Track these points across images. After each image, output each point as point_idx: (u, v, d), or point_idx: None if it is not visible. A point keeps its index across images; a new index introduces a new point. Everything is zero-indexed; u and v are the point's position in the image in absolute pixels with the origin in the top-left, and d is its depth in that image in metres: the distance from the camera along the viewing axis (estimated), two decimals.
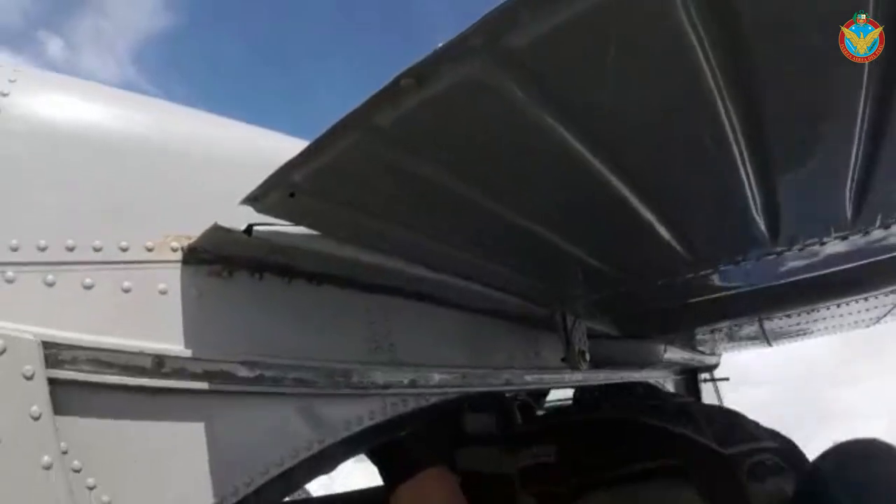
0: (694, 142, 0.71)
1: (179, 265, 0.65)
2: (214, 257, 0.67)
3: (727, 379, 3.73)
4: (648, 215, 0.88)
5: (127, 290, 0.63)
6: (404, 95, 0.51)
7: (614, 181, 0.74)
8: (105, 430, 0.62)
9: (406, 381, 0.85)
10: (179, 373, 0.64)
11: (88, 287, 0.62)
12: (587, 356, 1.39)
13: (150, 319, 0.63)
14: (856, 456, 1.56)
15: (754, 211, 0.95)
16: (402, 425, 0.88)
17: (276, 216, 0.64)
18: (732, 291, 1.67)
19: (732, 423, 1.87)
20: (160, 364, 0.63)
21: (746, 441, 1.75)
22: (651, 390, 2.23)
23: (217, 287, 0.68)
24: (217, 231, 0.63)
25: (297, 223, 0.67)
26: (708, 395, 3.74)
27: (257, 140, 0.78)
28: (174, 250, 0.65)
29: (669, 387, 3.17)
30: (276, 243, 0.66)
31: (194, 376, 0.65)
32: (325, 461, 0.78)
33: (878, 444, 1.56)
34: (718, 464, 1.66)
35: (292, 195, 0.59)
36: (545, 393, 3.73)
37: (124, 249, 0.63)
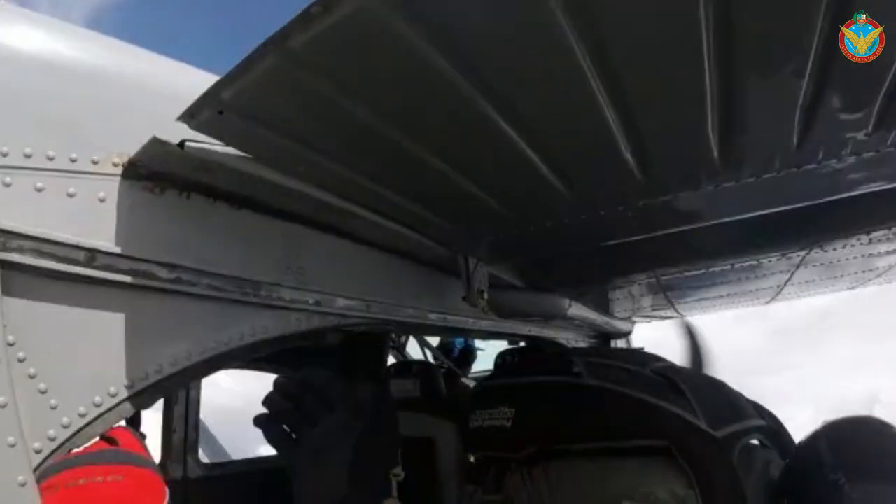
0: (553, 78, 0.77)
1: (118, 178, 0.78)
2: (149, 173, 0.80)
3: (642, 349, 3.68)
4: (530, 152, 0.93)
5: (71, 195, 0.75)
6: (314, 21, 0.60)
7: (494, 114, 0.80)
8: (40, 310, 0.75)
9: (311, 301, 1.01)
10: (108, 267, 0.77)
11: (39, 189, 0.74)
12: (485, 295, 1.51)
13: (88, 221, 0.76)
14: (850, 434, 1.61)
15: (625, 152, 0.98)
16: (304, 340, 1.04)
17: (208, 134, 0.76)
18: (621, 241, 1.66)
19: (722, 398, 1.79)
20: (92, 258, 0.76)
21: (738, 419, 1.69)
22: (614, 352, 2.08)
23: (148, 201, 0.81)
24: (154, 144, 0.76)
25: (226, 143, 0.80)
26: None
27: (193, 73, 0.92)
28: (115, 165, 0.77)
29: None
30: (204, 160, 0.79)
31: (120, 271, 0.78)
32: (229, 361, 0.93)
33: (871, 421, 1.62)
34: (712, 449, 1.59)
35: (221, 112, 0.71)
36: (471, 361, 3.94)
37: (73, 160, 0.75)
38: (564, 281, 2.18)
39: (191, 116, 0.71)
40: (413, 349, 3.78)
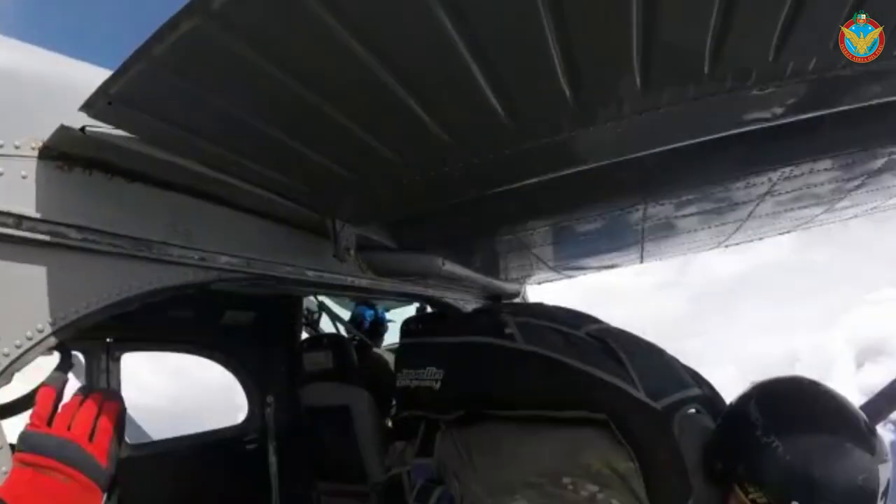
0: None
1: (35, 159, 1.03)
2: (59, 154, 1.05)
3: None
4: (401, 91, 1.02)
5: (1, 174, 1.01)
6: (170, 33, 0.79)
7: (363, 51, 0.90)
8: None
9: (196, 258, 1.28)
10: (32, 229, 1.02)
11: None
12: (351, 252, 1.70)
13: (15, 193, 1.02)
14: (778, 393, 1.64)
15: (490, 96, 1.07)
16: (195, 290, 1.32)
17: (103, 121, 1.01)
18: (496, 190, 1.68)
19: (660, 367, 1.80)
20: (19, 222, 1.01)
21: (676, 389, 1.70)
22: (547, 310, 2.07)
23: (60, 176, 1.07)
24: (61, 131, 1.01)
25: (117, 127, 1.05)
26: None
27: (90, 70, 1.15)
28: (33, 149, 1.02)
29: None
30: (102, 142, 1.04)
31: (41, 232, 1.04)
32: (132, 304, 1.20)
33: (798, 380, 1.66)
34: (652, 422, 1.60)
35: (110, 103, 0.95)
36: (381, 332, 4.21)
37: (1, 146, 1.00)
38: (438, 240, 2.31)
39: (88, 107, 0.96)
40: (326, 325, 4.04)
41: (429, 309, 3.67)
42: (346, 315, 4.01)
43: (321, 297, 3.92)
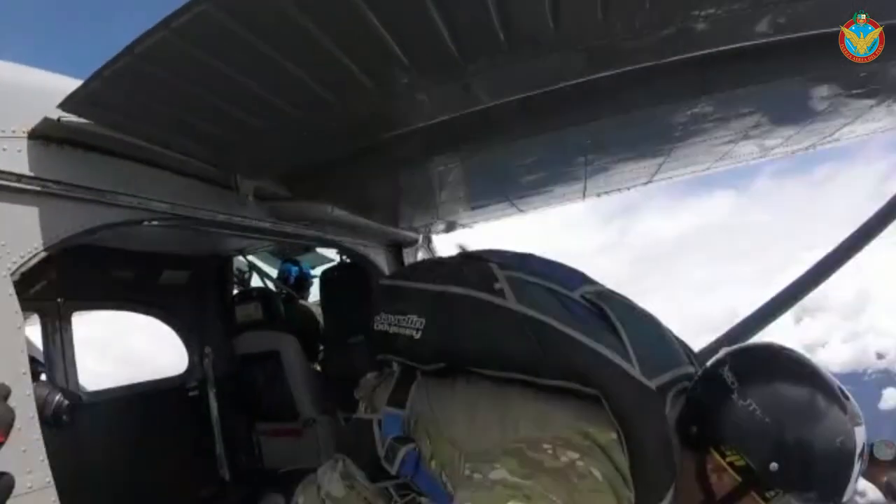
0: None
1: (26, 139, 1.60)
2: (42, 135, 1.63)
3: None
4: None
5: (6, 149, 1.57)
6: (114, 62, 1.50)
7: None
8: None
9: (135, 202, 1.88)
10: (28, 182, 1.59)
11: None
12: (250, 198, 2.22)
13: (11, 161, 1.57)
14: (750, 358, 1.67)
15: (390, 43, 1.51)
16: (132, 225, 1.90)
17: (74, 114, 1.61)
18: (387, 135, 2.17)
19: (657, 343, 1.72)
20: (19, 178, 1.57)
21: (671, 367, 1.64)
22: (536, 261, 1.93)
23: (41, 149, 1.64)
24: (45, 120, 1.60)
25: (82, 118, 1.63)
26: None
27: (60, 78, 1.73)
28: (24, 132, 1.60)
29: (380, 260, 3.71)
30: (73, 128, 1.63)
31: (33, 184, 1.61)
32: (90, 235, 1.76)
33: (768, 345, 1.69)
34: (646, 401, 1.55)
35: (78, 103, 1.55)
36: (306, 286, 4.71)
37: (3, 132, 1.57)
38: (332, 188, 2.77)
39: (63, 105, 1.57)
40: (257, 283, 4.56)
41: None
42: (274, 273, 4.54)
43: (250, 257, 4.41)
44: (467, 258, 1.96)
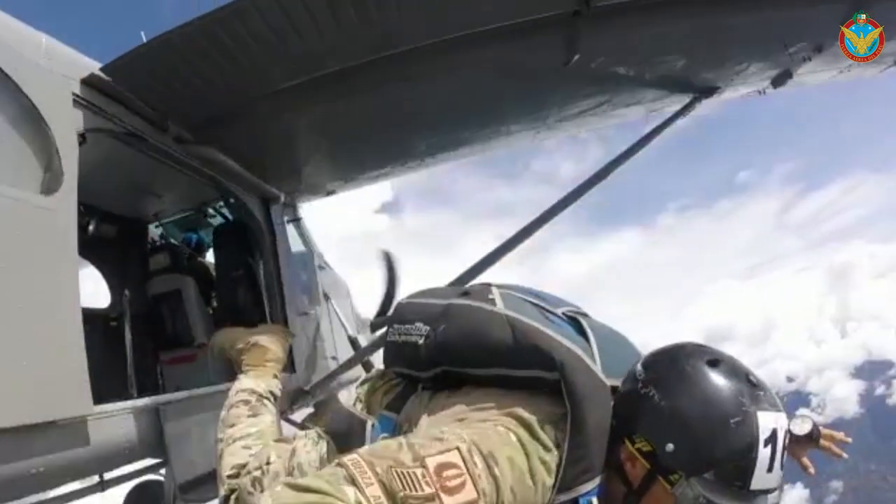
0: None
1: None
2: None
3: (300, 219, 5.13)
4: None
5: None
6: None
7: None
8: None
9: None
10: None
11: None
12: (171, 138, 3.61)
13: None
14: (657, 354, 1.83)
15: None
16: None
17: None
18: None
19: (622, 354, 1.93)
20: None
21: (623, 375, 1.82)
22: (532, 291, 2.18)
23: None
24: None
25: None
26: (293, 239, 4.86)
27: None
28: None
29: (257, 212, 4.43)
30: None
31: None
32: None
33: (682, 344, 1.83)
34: (597, 390, 1.74)
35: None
36: (203, 250, 5.84)
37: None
38: (224, 137, 3.51)
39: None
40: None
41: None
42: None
43: (159, 228, 5.63)
44: (478, 285, 2.26)
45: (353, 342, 5.50)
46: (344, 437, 2.17)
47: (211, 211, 5.50)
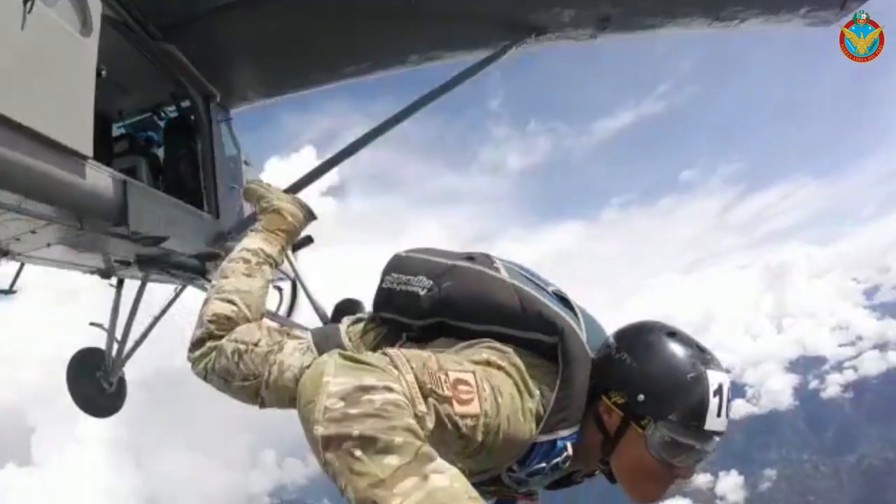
0: None
1: None
2: None
3: (231, 119, 6.47)
4: None
5: None
6: None
7: None
8: None
9: None
10: None
11: None
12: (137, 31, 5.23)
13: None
14: (626, 326, 2.21)
15: None
16: None
17: None
18: None
19: (598, 331, 2.30)
20: None
21: (597, 348, 2.15)
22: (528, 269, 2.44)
23: None
24: None
25: None
26: None
27: None
28: None
29: (198, 105, 5.85)
30: None
31: None
32: None
33: (650, 320, 2.19)
34: (584, 359, 2.09)
35: None
36: (155, 145, 7.16)
37: None
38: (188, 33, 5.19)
39: None
40: None
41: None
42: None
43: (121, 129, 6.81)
44: (475, 253, 2.45)
45: None
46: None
47: (163, 115, 6.90)
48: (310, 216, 3.35)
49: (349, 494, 1.31)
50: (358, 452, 1.31)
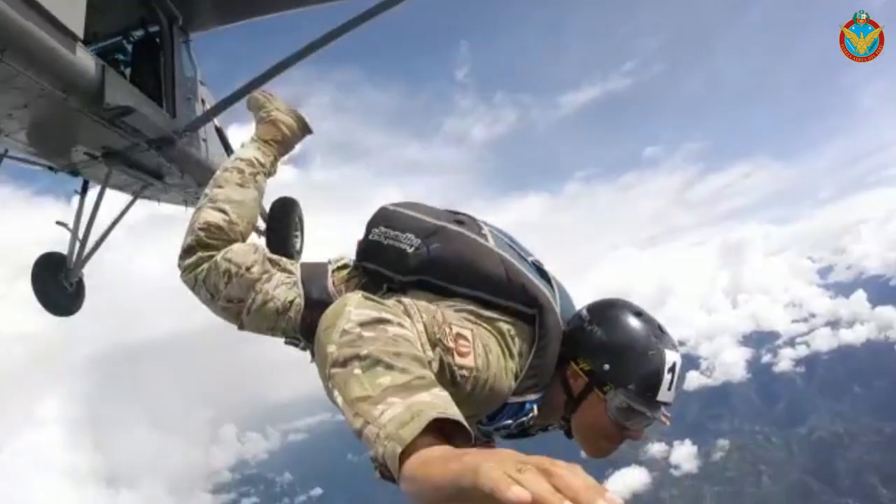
0: None
1: None
2: None
3: (190, 41, 7.47)
4: None
5: None
6: None
7: None
8: None
9: None
10: None
11: None
12: None
13: None
14: (597, 301, 2.44)
15: None
16: None
17: None
18: None
19: (569, 303, 2.50)
20: None
21: (568, 319, 2.35)
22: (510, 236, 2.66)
23: None
24: None
25: None
26: None
27: None
28: None
29: (163, 25, 6.94)
30: None
31: None
32: None
33: (618, 298, 2.43)
34: (558, 331, 2.30)
35: None
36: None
37: None
38: None
39: None
40: None
41: None
42: None
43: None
44: (461, 215, 2.57)
45: (219, 130, 8.09)
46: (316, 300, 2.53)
47: (131, 38, 7.42)
48: (305, 129, 3.38)
49: (340, 406, 1.38)
50: (358, 371, 1.37)
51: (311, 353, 2.39)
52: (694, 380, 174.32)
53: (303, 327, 2.53)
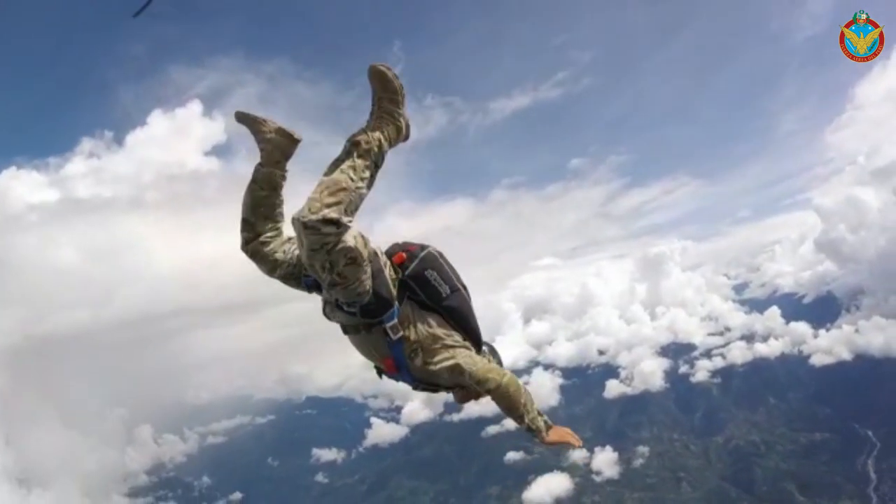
0: None
1: None
2: None
3: None
4: None
5: None
6: None
7: None
8: None
9: None
10: None
11: None
12: None
13: None
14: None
15: None
16: None
17: None
18: None
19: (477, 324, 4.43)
20: None
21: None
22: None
23: None
24: None
25: None
26: None
27: None
28: None
29: None
30: None
31: None
32: None
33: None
34: (488, 348, 4.61)
35: None
36: None
37: None
38: None
39: None
40: None
41: None
42: None
43: None
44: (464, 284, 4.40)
45: None
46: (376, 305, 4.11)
47: None
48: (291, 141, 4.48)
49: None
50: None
51: (332, 310, 4.27)
52: (614, 388, 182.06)
53: (363, 308, 4.07)
